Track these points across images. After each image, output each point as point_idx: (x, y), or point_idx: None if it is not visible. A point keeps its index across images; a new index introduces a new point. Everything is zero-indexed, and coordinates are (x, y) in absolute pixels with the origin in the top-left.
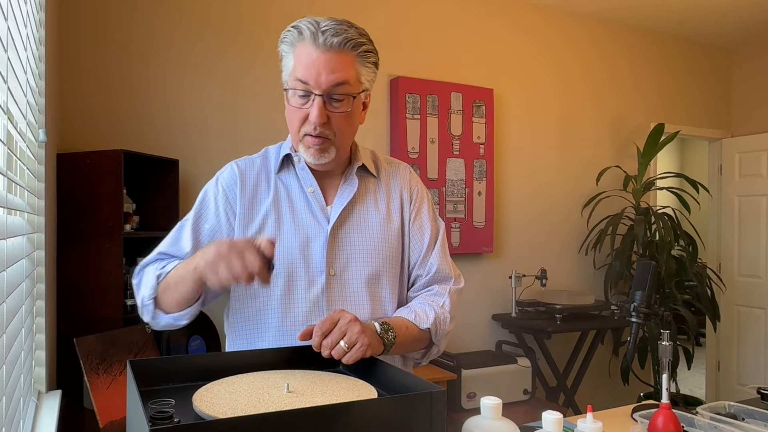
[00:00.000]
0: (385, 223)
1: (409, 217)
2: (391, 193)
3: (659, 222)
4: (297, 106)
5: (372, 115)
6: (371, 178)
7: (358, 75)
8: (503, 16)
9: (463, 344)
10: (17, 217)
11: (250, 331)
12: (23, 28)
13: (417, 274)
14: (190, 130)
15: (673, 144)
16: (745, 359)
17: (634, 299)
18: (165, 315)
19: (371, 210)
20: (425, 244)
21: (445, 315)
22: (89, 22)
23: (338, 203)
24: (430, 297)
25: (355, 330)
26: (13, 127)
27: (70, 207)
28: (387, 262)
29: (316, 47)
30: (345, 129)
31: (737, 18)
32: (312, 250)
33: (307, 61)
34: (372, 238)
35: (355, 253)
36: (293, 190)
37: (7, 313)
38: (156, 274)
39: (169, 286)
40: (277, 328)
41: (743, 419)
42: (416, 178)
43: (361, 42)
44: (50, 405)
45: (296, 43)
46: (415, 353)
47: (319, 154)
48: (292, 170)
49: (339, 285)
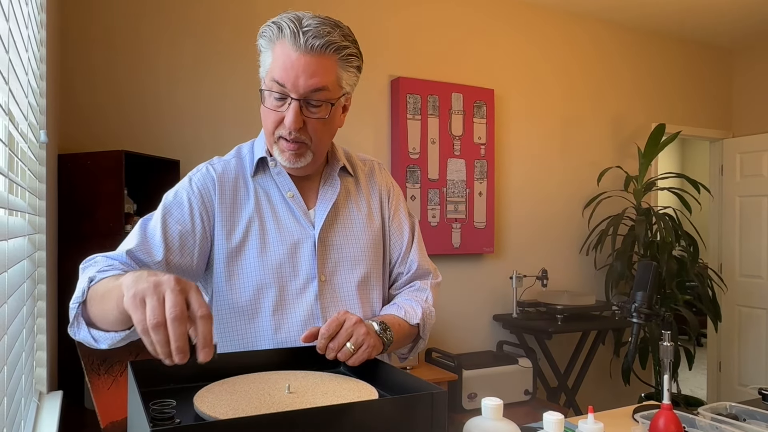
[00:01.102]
0: (368, 223)
1: (389, 215)
2: (371, 192)
3: (660, 222)
4: (272, 108)
5: (372, 116)
6: (349, 177)
7: (339, 79)
8: (504, 17)
9: (464, 345)
10: (18, 218)
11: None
12: (24, 29)
13: (398, 271)
14: (190, 131)
15: (674, 144)
16: (747, 360)
17: (635, 300)
18: (85, 327)
19: (353, 211)
20: (404, 242)
21: (430, 309)
22: (90, 24)
23: (321, 206)
24: (413, 293)
25: (361, 331)
26: (14, 128)
27: (71, 208)
28: (373, 263)
29: (296, 48)
30: (322, 134)
31: (738, 18)
32: (300, 256)
33: (286, 62)
34: (357, 240)
35: (342, 256)
36: (273, 194)
37: (8, 314)
38: (89, 277)
39: (96, 296)
40: (271, 341)
41: (744, 420)
42: (389, 176)
43: (344, 45)
44: (51, 406)
45: (275, 40)
46: (403, 348)
47: (295, 159)
48: (268, 173)
49: (330, 290)
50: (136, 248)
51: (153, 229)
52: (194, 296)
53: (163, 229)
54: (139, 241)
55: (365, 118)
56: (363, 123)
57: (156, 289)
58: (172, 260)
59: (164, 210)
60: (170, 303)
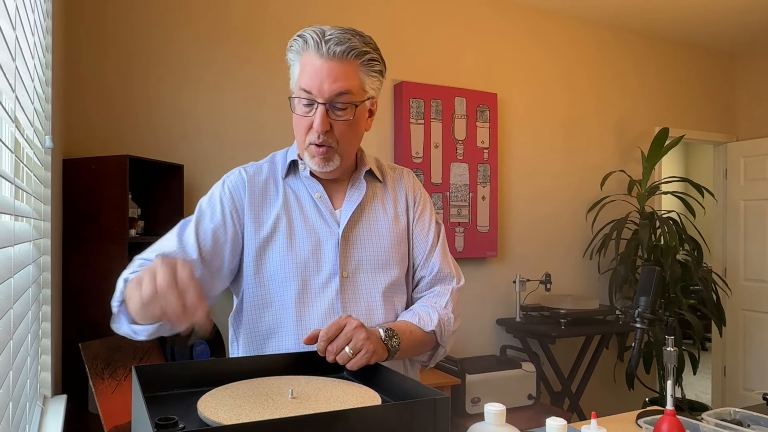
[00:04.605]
0: (394, 226)
1: (414, 218)
2: (398, 196)
3: (664, 226)
4: (302, 115)
5: (376, 120)
6: (377, 182)
7: (362, 84)
8: (507, 21)
9: (467, 349)
10: (24, 223)
11: (264, 336)
12: (31, 36)
13: (420, 275)
14: (194, 136)
15: (677, 148)
16: (752, 364)
17: (639, 305)
18: (125, 322)
19: (379, 213)
20: (428, 245)
21: (449, 315)
22: (94, 30)
23: (347, 207)
24: (432, 299)
25: (360, 336)
26: (20, 134)
27: (75, 212)
28: (396, 263)
29: (319, 56)
30: (348, 137)
31: (741, 22)
32: (324, 252)
33: (311, 70)
34: (382, 240)
35: (366, 255)
36: (302, 194)
37: (14, 318)
38: (124, 279)
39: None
40: (294, 332)
41: (749, 425)
42: (419, 183)
43: (365, 51)
44: (56, 410)
45: (302, 52)
46: (422, 356)
47: (324, 163)
48: (299, 176)
49: (352, 287)
50: (169, 252)
51: (189, 232)
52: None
53: (196, 231)
54: (174, 244)
55: None
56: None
57: (149, 270)
58: (205, 259)
59: (199, 213)
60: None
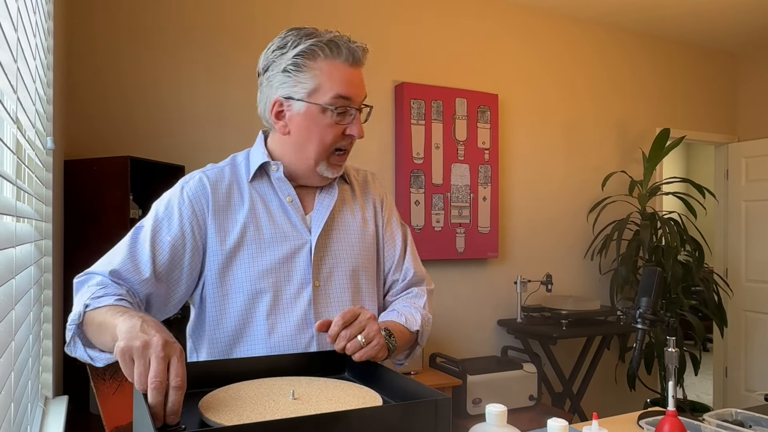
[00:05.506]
0: (362, 230)
1: (382, 223)
2: (365, 202)
3: (665, 227)
4: (335, 122)
5: (377, 121)
6: (345, 185)
7: None
8: (508, 22)
9: (468, 350)
10: (25, 224)
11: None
12: (32, 38)
13: (393, 279)
14: (195, 137)
15: (678, 149)
16: (753, 365)
17: (640, 306)
18: (81, 347)
19: (348, 217)
20: (398, 249)
21: (428, 315)
22: (95, 31)
23: (319, 212)
24: (411, 299)
25: (374, 327)
26: (21, 136)
27: (76, 213)
28: (367, 270)
29: (348, 63)
30: None
31: (742, 22)
32: (296, 261)
33: (346, 77)
34: (352, 247)
35: (338, 263)
36: (269, 199)
37: (15, 319)
38: (84, 303)
39: (93, 323)
40: (264, 345)
41: (750, 427)
42: (381, 185)
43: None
44: (57, 410)
45: (333, 59)
46: (400, 355)
47: (342, 168)
48: (266, 179)
49: (324, 296)
50: (121, 268)
51: (142, 244)
52: (174, 363)
53: (152, 244)
54: (126, 259)
55: (369, 123)
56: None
57: (144, 352)
58: (160, 274)
59: (155, 222)
60: (153, 372)
